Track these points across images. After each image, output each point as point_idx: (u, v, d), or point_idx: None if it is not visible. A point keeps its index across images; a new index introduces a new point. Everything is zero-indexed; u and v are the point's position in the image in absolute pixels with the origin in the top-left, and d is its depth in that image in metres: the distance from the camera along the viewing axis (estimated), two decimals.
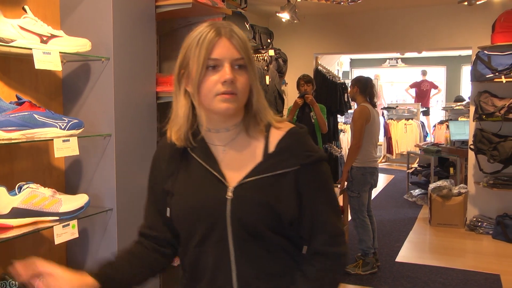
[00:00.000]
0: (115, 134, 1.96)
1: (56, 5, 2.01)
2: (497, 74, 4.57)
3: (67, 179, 2.07)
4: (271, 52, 5.24)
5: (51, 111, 1.75)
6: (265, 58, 5.08)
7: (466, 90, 10.35)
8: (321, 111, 4.71)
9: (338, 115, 6.53)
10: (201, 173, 1.16)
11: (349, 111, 6.78)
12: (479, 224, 5.12)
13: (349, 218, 4.53)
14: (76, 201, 1.79)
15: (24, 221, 1.66)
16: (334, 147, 6.00)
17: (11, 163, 1.86)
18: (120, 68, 1.97)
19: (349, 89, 4.97)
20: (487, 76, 4.63)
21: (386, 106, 10.34)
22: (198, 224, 1.13)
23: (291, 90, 5.99)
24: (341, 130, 8.13)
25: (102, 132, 1.96)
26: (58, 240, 1.71)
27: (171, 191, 1.19)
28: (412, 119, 9.85)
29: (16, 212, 1.63)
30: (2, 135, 1.59)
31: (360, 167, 3.93)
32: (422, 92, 10.76)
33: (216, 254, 1.13)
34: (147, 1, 2.14)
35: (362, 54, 10.52)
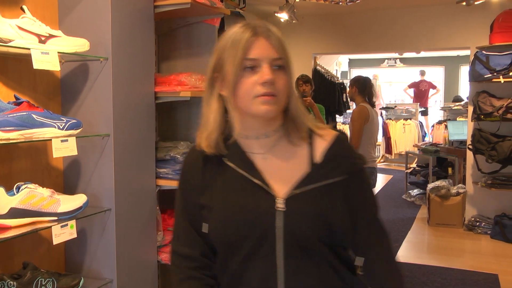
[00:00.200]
0: (113, 134, 1.95)
1: (54, 5, 2.01)
2: (495, 74, 4.58)
3: (66, 179, 2.07)
4: None
5: (49, 111, 1.75)
6: None
7: (464, 90, 10.37)
8: (319, 112, 4.71)
9: (337, 115, 6.53)
10: (241, 183, 1.08)
11: (347, 111, 6.78)
12: (478, 224, 5.13)
13: None
14: (75, 201, 1.78)
15: (23, 221, 1.65)
16: None
17: (9, 163, 1.86)
18: (118, 68, 1.97)
19: (347, 89, 4.98)
20: (485, 76, 4.63)
21: (385, 106, 10.35)
22: (244, 239, 1.05)
23: None
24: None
25: (101, 132, 1.96)
26: (56, 240, 1.71)
27: (209, 204, 1.10)
28: (410, 119, 9.87)
29: (15, 212, 1.63)
30: (0, 135, 1.58)
31: None
32: (421, 92, 10.77)
33: (262, 270, 1.05)
34: (145, 1, 2.14)
35: (360, 54, 10.52)
